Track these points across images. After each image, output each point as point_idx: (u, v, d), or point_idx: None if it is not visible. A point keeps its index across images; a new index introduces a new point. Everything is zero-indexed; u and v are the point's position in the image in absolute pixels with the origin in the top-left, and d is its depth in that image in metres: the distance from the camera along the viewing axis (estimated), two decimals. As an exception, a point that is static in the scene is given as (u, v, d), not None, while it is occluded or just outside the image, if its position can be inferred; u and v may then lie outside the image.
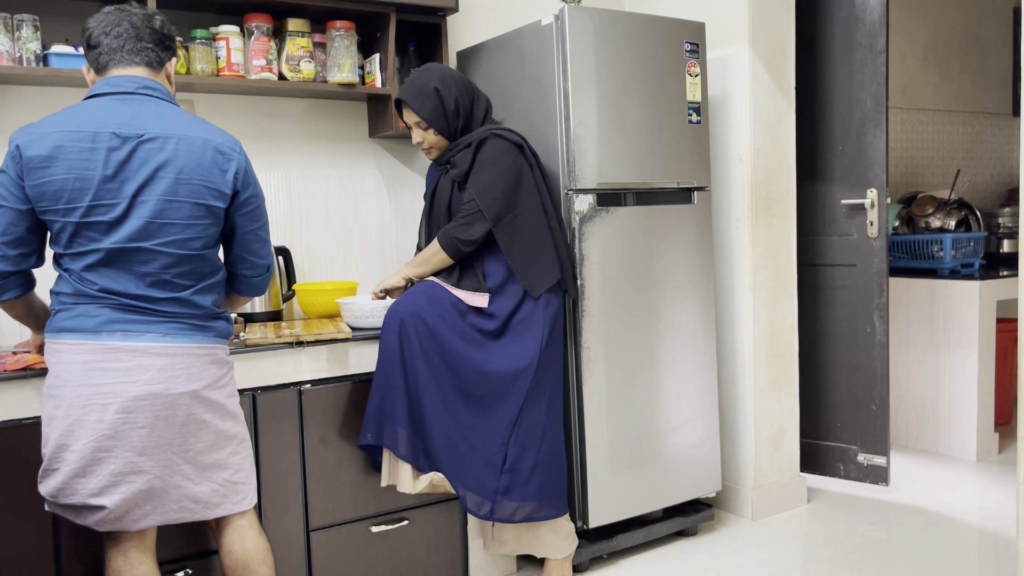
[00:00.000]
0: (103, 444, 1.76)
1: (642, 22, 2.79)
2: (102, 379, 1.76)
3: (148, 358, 1.79)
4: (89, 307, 1.79)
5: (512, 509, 2.44)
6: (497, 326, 2.45)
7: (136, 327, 1.79)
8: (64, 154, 1.74)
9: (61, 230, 1.77)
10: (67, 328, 1.78)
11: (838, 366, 3.44)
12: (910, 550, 2.88)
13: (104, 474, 1.77)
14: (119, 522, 1.82)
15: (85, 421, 1.76)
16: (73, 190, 1.74)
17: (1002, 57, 5.08)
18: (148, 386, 1.78)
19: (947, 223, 4.13)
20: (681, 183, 2.90)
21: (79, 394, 1.76)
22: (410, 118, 2.54)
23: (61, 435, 1.77)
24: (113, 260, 1.78)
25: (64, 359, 1.77)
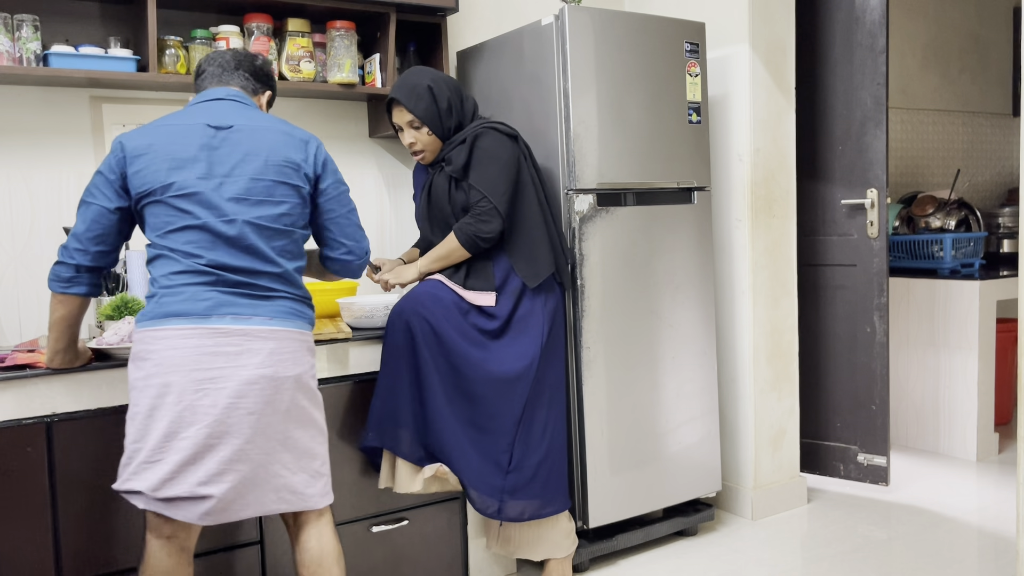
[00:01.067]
0: (215, 430, 1.76)
1: (642, 22, 2.79)
2: (213, 363, 1.76)
3: (257, 342, 1.80)
4: (197, 289, 1.80)
5: (520, 508, 2.46)
6: (498, 326, 2.45)
7: (244, 310, 1.81)
8: (161, 142, 1.86)
9: (160, 211, 1.83)
10: (175, 312, 1.78)
11: (838, 366, 3.44)
12: (910, 550, 2.88)
13: (214, 461, 1.76)
14: (222, 513, 1.80)
15: (199, 407, 1.75)
16: (170, 170, 1.83)
17: (1002, 57, 5.08)
18: (259, 370, 1.79)
19: (947, 223, 4.13)
20: (681, 183, 2.90)
21: (192, 379, 1.75)
22: (402, 118, 2.50)
23: (172, 422, 1.75)
24: (215, 235, 1.82)
25: (173, 344, 1.76)
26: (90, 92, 2.59)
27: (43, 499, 2.01)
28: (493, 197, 2.41)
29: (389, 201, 3.09)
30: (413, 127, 2.49)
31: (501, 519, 2.45)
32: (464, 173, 2.46)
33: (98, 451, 2.06)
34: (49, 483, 2.02)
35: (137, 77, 2.44)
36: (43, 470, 2.01)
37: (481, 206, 2.42)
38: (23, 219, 2.50)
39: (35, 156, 2.52)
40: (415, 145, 2.52)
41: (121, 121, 2.63)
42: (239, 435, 1.78)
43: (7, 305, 2.48)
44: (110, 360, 2.09)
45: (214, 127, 1.88)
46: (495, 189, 2.42)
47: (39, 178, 2.52)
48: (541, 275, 2.49)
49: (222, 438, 1.77)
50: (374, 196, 3.07)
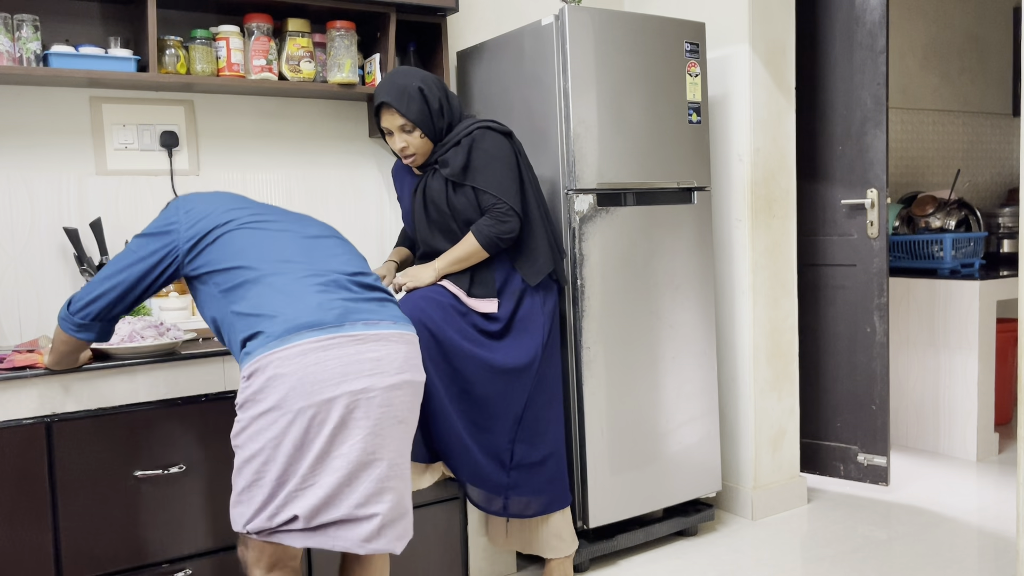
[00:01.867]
0: (369, 444, 1.67)
1: (642, 22, 2.79)
2: (360, 371, 1.65)
3: (392, 345, 1.72)
4: (320, 296, 1.70)
5: (524, 503, 2.49)
6: (500, 327, 2.46)
7: (371, 316, 1.73)
8: None
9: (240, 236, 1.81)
10: (307, 324, 1.65)
11: (838, 366, 3.44)
12: (910, 550, 2.88)
13: (371, 479, 1.67)
14: (380, 538, 1.69)
15: (351, 420, 1.65)
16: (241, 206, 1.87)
17: (1002, 57, 5.08)
18: (400, 375, 1.71)
19: (947, 223, 4.13)
20: (681, 183, 2.90)
21: (343, 391, 1.64)
22: (393, 122, 2.41)
23: (326, 442, 1.63)
24: (307, 242, 1.82)
25: (314, 359, 1.63)
26: (90, 92, 2.58)
27: (43, 499, 2.01)
28: (507, 198, 2.40)
29: (389, 201, 3.09)
30: (405, 131, 2.41)
31: (507, 515, 2.47)
32: (464, 175, 2.43)
33: (98, 451, 2.06)
34: (49, 483, 2.02)
35: (137, 77, 2.44)
36: (43, 470, 2.01)
37: (498, 208, 2.40)
38: (23, 219, 2.50)
39: (35, 156, 2.52)
40: (407, 149, 2.44)
41: (121, 121, 2.63)
42: (391, 448, 1.70)
43: (7, 305, 2.48)
44: (110, 360, 2.09)
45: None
46: (507, 190, 2.41)
47: (39, 178, 2.52)
48: (541, 273, 2.49)
49: (376, 452, 1.68)
50: (374, 196, 3.06)
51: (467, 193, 2.44)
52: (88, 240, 2.53)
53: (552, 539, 2.58)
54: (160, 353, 2.15)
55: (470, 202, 2.44)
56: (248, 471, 1.69)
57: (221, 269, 1.77)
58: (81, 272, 2.46)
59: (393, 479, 1.71)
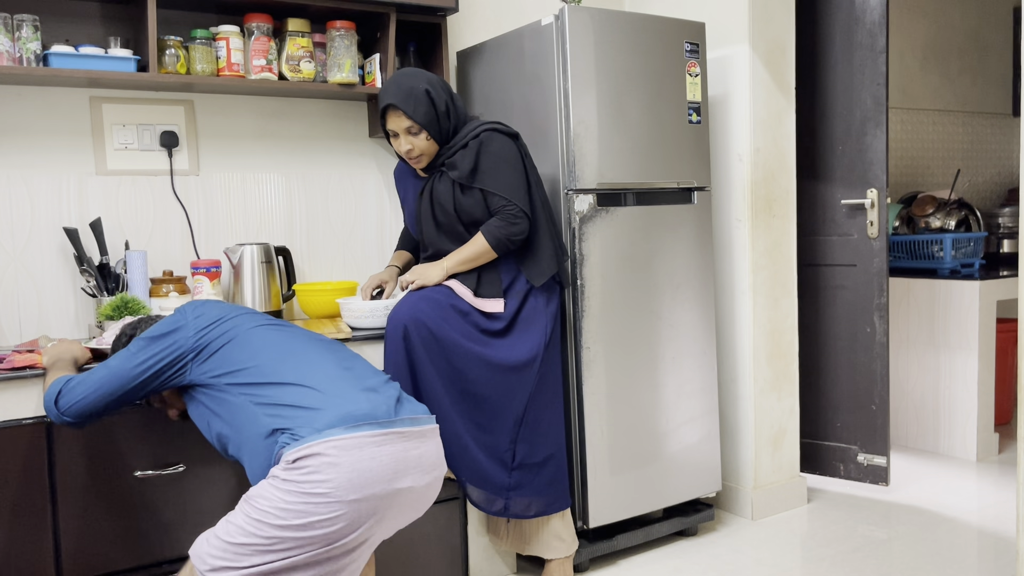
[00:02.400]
0: (376, 532, 1.68)
1: (642, 22, 2.79)
2: (407, 468, 1.65)
3: (428, 442, 1.72)
4: (365, 391, 1.69)
5: (525, 504, 2.49)
6: (503, 326, 2.46)
7: (413, 411, 1.71)
8: None
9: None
10: (362, 417, 1.61)
11: (838, 366, 3.44)
12: (910, 550, 2.88)
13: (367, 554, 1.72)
14: None
15: (385, 517, 1.65)
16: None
17: (1002, 57, 5.07)
18: (432, 472, 1.71)
19: (947, 223, 4.13)
20: (681, 183, 2.90)
21: (393, 488, 1.62)
22: (399, 124, 2.40)
23: (362, 534, 1.63)
24: (328, 344, 1.85)
25: (370, 453, 1.59)
26: (90, 92, 2.58)
27: (43, 499, 2.01)
28: (517, 200, 2.41)
29: (389, 201, 3.09)
30: (411, 133, 2.41)
31: (508, 516, 2.47)
32: (472, 178, 2.42)
33: (98, 451, 2.06)
34: (49, 483, 2.02)
35: (137, 77, 2.44)
36: (43, 470, 2.01)
37: (508, 210, 2.41)
38: (23, 219, 2.50)
39: (35, 156, 2.52)
40: (413, 151, 2.44)
41: (121, 121, 2.63)
42: (392, 528, 1.73)
43: (7, 305, 2.48)
44: (110, 360, 2.09)
45: None
46: (516, 192, 2.42)
47: (39, 178, 2.52)
48: (545, 274, 2.49)
49: (374, 537, 1.71)
50: (374, 196, 3.06)
51: (475, 195, 2.44)
52: (88, 240, 2.53)
53: (552, 540, 2.58)
54: (160, 353, 2.14)
55: (478, 204, 2.44)
56: (260, 535, 1.58)
57: (239, 369, 1.71)
58: (81, 272, 2.46)
59: (372, 546, 1.74)
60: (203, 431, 1.82)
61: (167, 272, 2.56)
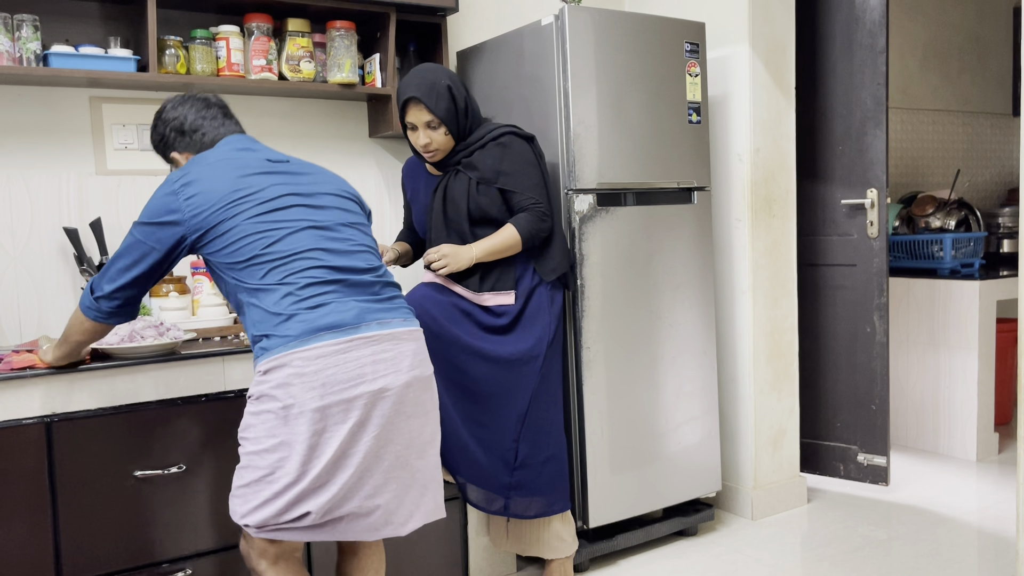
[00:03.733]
0: (381, 440, 1.73)
1: (642, 22, 2.79)
2: (376, 372, 1.72)
3: (403, 344, 1.78)
4: (336, 298, 1.75)
5: (526, 504, 2.49)
6: (507, 322, 2.47)
7: (383, 315, 1.79)
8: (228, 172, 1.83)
9: (252, 226, 1.78)
10: (324, 326, 1.70)
11: (838, 366, 3.44)
12: (910, 550, 2.88)
13: (380, 471, 1.74)
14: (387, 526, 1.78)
15: (369, 420, 1.71)
16: (254, 190, 1.80)
17: (1002, 57, 5.08)
18: (411, 372, 1.78)
19: (947, 223, 4.13)
20: (681, 183, 2.90)
21: (362, 391, 1.70)
22: (420, 118, 2.40)
23: (343, 443, 1.69)
24: (329, 239, 1.82)
25: (333, 361, 1.68)
26: (90, 92, 2.59)
27: (43, 499, 2.01)
28: (543, 199, 2.48)
29: (389, 201, 3.09)
30: (431, 127, 2.41)
31: (508, 515, 2.47)
32: (497, 178, 2.44)
33: (98, 451, 2.06)
34: (49, 483, 2.02)
35: (137, 77, 2.44)
36: (43, 470, 2.01)
37: (539, 207, 2.46)
38: (23, 219, 2.50)
39: (35, 156, 2.52)
40: (430, 145, 2.43)
41: (121, 121, 2.63)
42: (400, 440, 1.76)
43: (7, 305, 2.48)
44: (110, 360, 2.09)
45: (275, 161, 1.89)
46: (541, 192, 2.48)
47: (39, 178, 2.52)
48: (558, 270, 2.53)
49: (387, 446, 1.74)
50: (374, 196, 3.06)
51: (492, 194, 2.45)
52: (88, 240, 2.53)
53: (553, 540, 2.58)
54: (160, 353, 2.15)
55: (494, 203, 2.45)
56: (258, 466, 1.73)
57: (233, 263, 1.77)
58: (81, 272, 2.46)
59: (397, 469, 1.77)
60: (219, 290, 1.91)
61: (167, 272, 2.56)
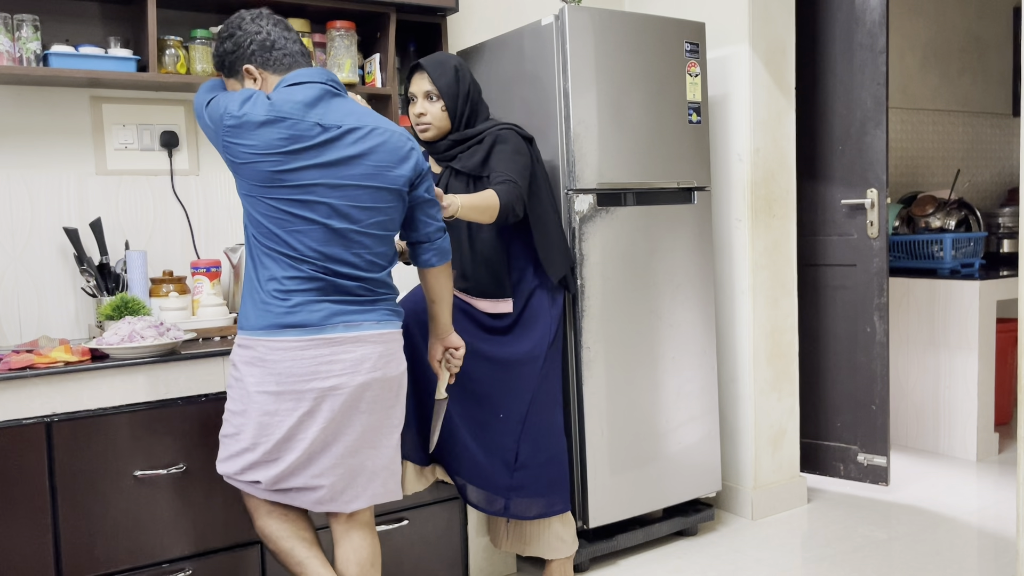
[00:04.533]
0: (331, 430, 1.86)
1: (642, 22, 2.79)
2: (331, 371, 1.83)
3: (369, 346, 1.87)
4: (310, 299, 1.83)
5: (526, 505, 2.49)
6: (507, 325, 2.47)
7: (355, 317, 1.87)
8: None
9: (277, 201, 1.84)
10: (290, 324, 1.82)
11: (838, 366, 3.44)
12: (910, 550, 2.88)
13: (328, 457, 1.87)
14: (332, 502, 1.91)
15: (318, 412, 1.84)
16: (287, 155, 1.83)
17: (1002, 57, 5.07)
18: (371, 374, 1.87)
19: (947, 223, 4.13)
20: (681, 183, 2.90)
21: (312, 387, 1.83)
22: (421, 87, 2.44)
23: (291, 428, 1.84)
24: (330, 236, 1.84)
25: (291, 356, 1.82)
26: (90, 92, 2.59)
27: (43, 499, 2.01)
28: (520, 182, 2.38)
29: (389, 201, 3.09)
30: (429, 99, 2.44)
31: (508, 516, 2.47)
32: (483, 167, 2.42)
33: (98, 451, 2.06)
34: (49, 483, 2.02)
35: (137, 77, 2.44)
36: (43, 470, 2.01)
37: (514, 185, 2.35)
38: (23, 219, 2.50)
39: (35, 156, 2.52)
40: (424, 117, 2.45)
41: (121, 121, 2.63)
42: (352, 433, 1.89)
43: (7, 305, 2.48)
44: (110, 360, 2.09)
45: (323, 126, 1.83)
46: (520, 178, 2.39)
47: (39, 178, 2.52)
48: (561, 271, 2.52)
49: (337, 436, 1.87)
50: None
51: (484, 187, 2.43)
52: (88, 240, 2.53)
53: (553, 540, 2.57)
54: (160, 353, 2.15)
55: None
56: (230, 422, 1.94)
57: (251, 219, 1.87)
58: (81, 272, 2.46)
59: (346, 457, 1.89)
60: None
61: (167, 272, 2.56)
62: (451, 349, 2.25)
